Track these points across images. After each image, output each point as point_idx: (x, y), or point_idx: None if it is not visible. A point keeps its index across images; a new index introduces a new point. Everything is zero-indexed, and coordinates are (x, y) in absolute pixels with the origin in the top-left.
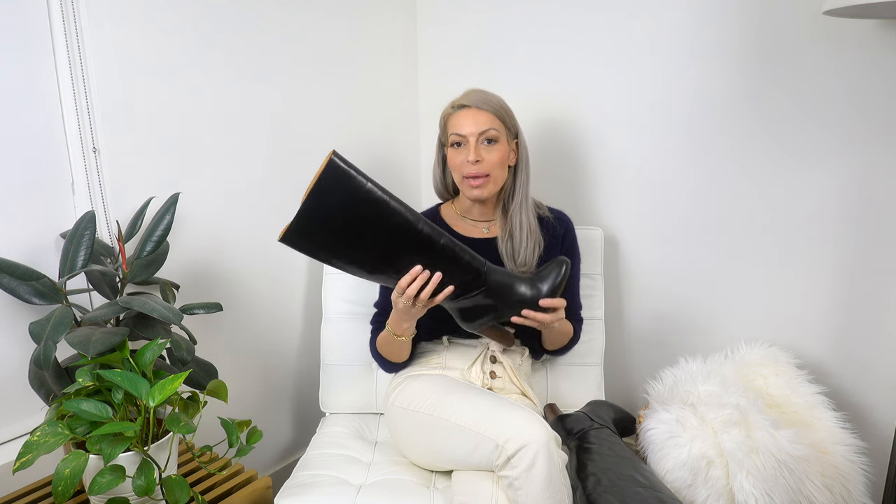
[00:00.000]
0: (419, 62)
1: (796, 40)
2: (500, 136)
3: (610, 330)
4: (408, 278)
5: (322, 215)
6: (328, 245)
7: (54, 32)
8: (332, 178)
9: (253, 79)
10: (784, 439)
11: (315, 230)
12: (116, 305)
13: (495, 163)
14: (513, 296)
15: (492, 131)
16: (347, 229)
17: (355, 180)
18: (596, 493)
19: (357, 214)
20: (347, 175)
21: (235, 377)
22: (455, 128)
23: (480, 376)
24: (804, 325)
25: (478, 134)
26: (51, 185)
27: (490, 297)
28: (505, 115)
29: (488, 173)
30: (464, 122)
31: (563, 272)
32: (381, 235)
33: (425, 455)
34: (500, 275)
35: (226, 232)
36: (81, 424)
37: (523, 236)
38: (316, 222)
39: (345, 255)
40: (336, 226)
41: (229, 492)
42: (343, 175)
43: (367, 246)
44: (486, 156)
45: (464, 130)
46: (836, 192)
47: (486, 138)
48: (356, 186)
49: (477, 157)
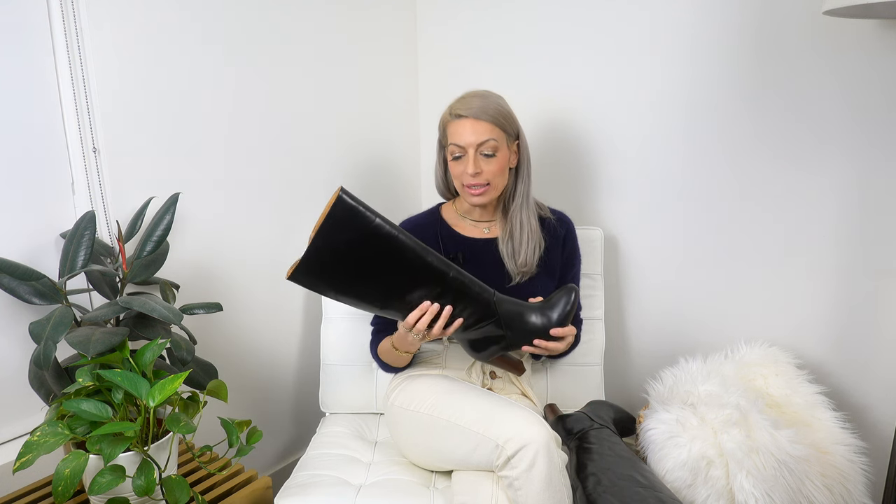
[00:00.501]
0: (419, 61)
1: (796, 40)
2: (500, 146)
3: (610, 330)
4: (416, 314)
5: (330, 253)
6: (337, 282)
7: (54, 32)
8: (340, 215)
9: (253, 79)
10: (784, 439)
11: (324, 268)
12: (116, 305)
13: (495, 172)
14: (523, 325)
15: (491, 143)
16: (357, 266)
17: (364, 217)
18: (596, 493)
19: (366, 251)
20: (356, 211)
21: (235, 377)
22: (454, 138)
23: (480, 376)
24: (804, 325)
25: (476, 145)
26: (51, 185)
27: (500, 328)
28: (504, 121)
29: (488, 182)
30: (462, 133)
31: (573, 300)
32: (390, 271)
33: (425, 455)
34: (510, 304)
35: (226, 232)
36: (81, 424)
37: (524, 237)
38: (325, 260)
39: (354, 292)
40: (345, 263)
41: (229, 492)
42: (351, 212)
43: (377, 282)
44: (486, 167)
45: (462, 142)
46: (836, 192)
47: (484, 151)
48: (365, 223)
49: (476, 170)
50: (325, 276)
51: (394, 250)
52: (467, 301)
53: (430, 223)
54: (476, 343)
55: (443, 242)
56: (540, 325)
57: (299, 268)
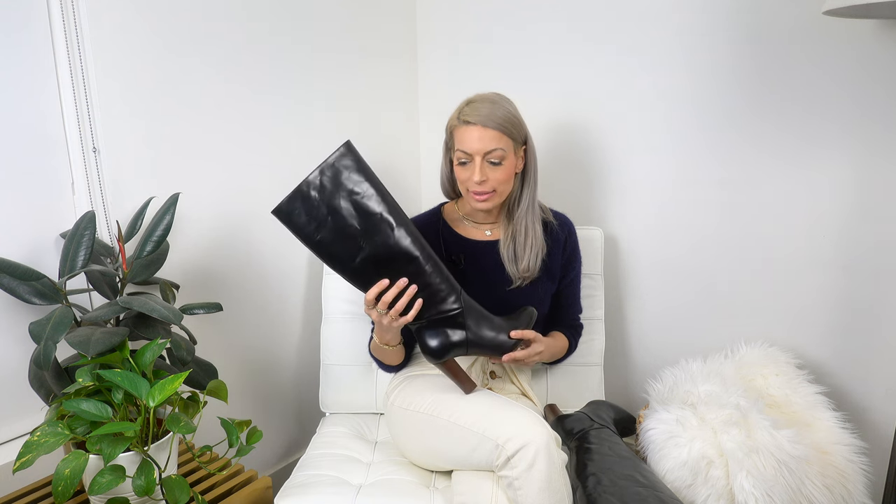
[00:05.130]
0: (419, 64)
1: (796, 41)
2: (507, 154)
3: (610, 330)
4: (376, 289)
5: (318, 198)
6: (311, 231)
7: (54, 32)
8: (339, 163)
9: (253, 79)
10: (784, 439)
11: (304, 210)
12: (116, 305)
13: (500, 180)
14: (484, 325)
15: (497, 152)
16: (335, 222)
17: (361, 174)
18: (596, 493)
19: (349, 210)
20: (359, 165)
21: (235, 377)
22: (460, 144)
23: (480, 376)
24: (804, 325)
25: (483, 153)
26: (51, 185)
27: (462, 324)
28: (512, 127)
29: (494, 189)
30: (469, 139)
31: (531, 323)
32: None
33: (425, 455)
34: (474, 303)
35: (226, 232)
36: (81, 424)
37: (527, 242)
38: (307, 203)
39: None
40: (325, 213)
41: (229, 492)
42: (353, 164)
43: (350, 244)
44: (492, 175)
45: (469, 149)
46: (836, 193)
47: (491, 160)
48: (357, 181)
49: (482, 178)
50: (304, 217)
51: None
52: (434, 286)
53: (431, 223)
54: (433, 334)
55: (444, 243)
56: (498, 329)
57: (282, 203)
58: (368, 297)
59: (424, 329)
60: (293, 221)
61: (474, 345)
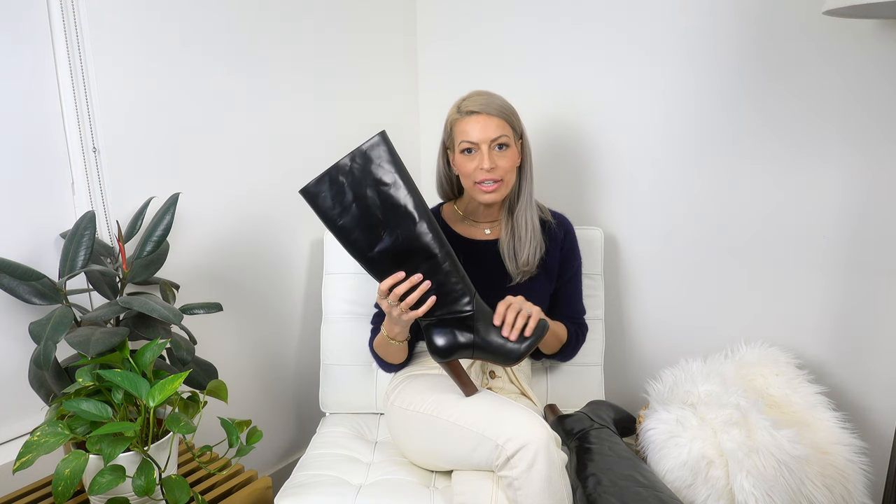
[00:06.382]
0: (419, 63)
1: (796, 41)
2: (511, 141)
3: (610, 330)
4: (391, 280)
5: (345, 183)
6: (335, 215)
7: (54, 32)
8: (371, 152)
9: (253, 79)
10: (784, 439)
11: (331, 194)
12: (116, 305)
13: (508, 168)
14: (492, 330)
15: (503, 137)
16: (359, 209)
17: (392, 165)
18: (596, 493)
19: (374, 200)
20: (391, 156)
21: (235, 377)
22: (465, 135)
23: (480, 376)
24: (804, 325)
25: (489, 140)
26: (51, 185)
27: (470, 326)
28: (512, 117)
29: (502, 178)
30: (474, 128)
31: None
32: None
33: (425, 455)
34: (486, 307)
35: (226, 232)
36: (81, 424)
37: (528, 237)
38: (335, 186)
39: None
40: (350, 199)
41: (229, 492)
42: (385, 155)
43: (373, 234)
44: (500, 162)
45: (474, 137)
46: (836, 193)
47: (498, 144)
48: (387, 171)
49: (492, 164)
50: (329, 207)
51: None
52: (449, 285)
53: None
54: (442, 333)
55: None
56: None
57: (310, 184)
58: (382, 287)
59: (433, 326)
60: (318, 204)
61: (480, 349)
